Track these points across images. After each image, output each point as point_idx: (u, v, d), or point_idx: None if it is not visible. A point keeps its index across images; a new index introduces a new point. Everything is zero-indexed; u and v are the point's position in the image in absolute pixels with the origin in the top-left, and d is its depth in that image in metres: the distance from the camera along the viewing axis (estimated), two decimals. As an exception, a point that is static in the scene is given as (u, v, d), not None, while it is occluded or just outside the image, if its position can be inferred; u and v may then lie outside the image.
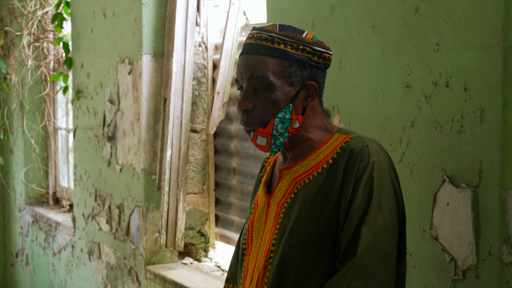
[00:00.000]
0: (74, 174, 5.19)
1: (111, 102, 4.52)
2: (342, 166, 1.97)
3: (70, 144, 5.92)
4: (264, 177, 2.18)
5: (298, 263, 1.96)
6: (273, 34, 2.00)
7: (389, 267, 1.91)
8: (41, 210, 6.06)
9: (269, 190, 2.14)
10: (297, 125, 2.03)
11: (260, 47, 2.01)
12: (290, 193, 2.04)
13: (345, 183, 1.95)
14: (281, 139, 2.03)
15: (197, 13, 4.01)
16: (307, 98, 2.04)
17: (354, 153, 1.96)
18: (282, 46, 2.00)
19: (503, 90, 2.03)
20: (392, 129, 2.42)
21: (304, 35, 2.03)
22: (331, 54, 2.06)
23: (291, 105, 2.01)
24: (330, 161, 2.00)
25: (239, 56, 2.06)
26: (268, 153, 2.25)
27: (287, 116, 2.01)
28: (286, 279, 1.97)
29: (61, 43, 5.23)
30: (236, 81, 2.07)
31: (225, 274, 3.09)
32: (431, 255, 2.28)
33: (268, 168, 2.20)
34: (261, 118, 2.01)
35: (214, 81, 4.04)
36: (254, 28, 2.06)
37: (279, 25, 2.03)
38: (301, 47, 2.01)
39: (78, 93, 5.00)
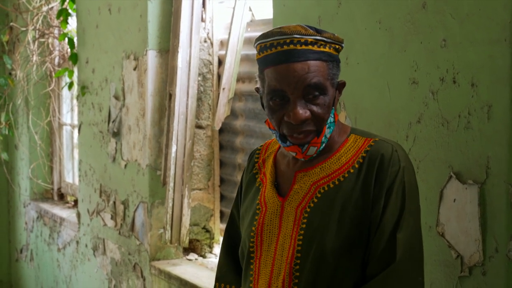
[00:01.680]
0: (79, 170, 5.19)
1: (116, 97, 4.52)
2: (373, 171, 1.93)
3: (75, 140, 5.92)
4: (268, 176, 2.11)
5: (331, 270, 1.93)
6: (318, 37, 1.93)
7: (422, 270, 1.93)
8: (45, 206, 6.07)
9: (279, 191, 2.08)
10: (334, 125, 2.01)
11: (308, 52, 1.91)
12: (312, 198, 1.99)
13: (377, 189, 1.93)
14: (324, 144, 1.99)
15: (203, 9, 4.00)
16: (338, 96, 2.02)
17: (385, 159, 1.93)
18: (327, 48, 1.94)
19: (510, 86, 2.02)
20: (398, 125, 2.41)
21: (335, 34, 2.00)
22: None
23: (333, 107, 1.98)
24: (356, 166, 1.96)
25: (277, 66, 1.92)
26: (259, 147, 2.22)
27: (332, 120, 1.98)
28: (319, 286, 1.94)
29: (66, 39, 5.23)
30: (274, 91, 1.93)
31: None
32: (437, 251, 2.27)
33: (268, 166, 2.14)
34: (318, 125, 1.94)
35: (219, 77, 4.04)
36: (281, 33, 1.93)
37: (307, 26, 1.96)
38: (337, 46, 1.98)
39: (83, 89, 5.00)
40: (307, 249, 1.95)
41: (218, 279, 2.23)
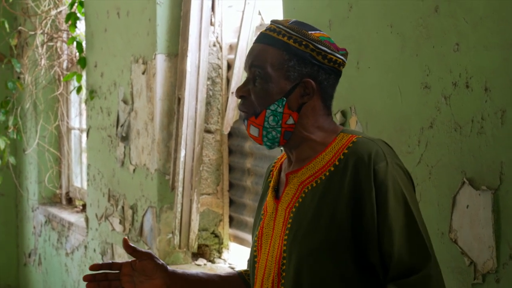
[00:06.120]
0: (87, 174, 5.18)
1: (125, 102, 4.50)
2: (351, 168, 1.90)
3: (83, 144, 5.91)
4: (272, 182, 2.12)
5: (314, 271, 1.90)
6: (281, 26, 2.00)
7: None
8: (54, 210, 6.06)
9: (277, 195, 2.08)
10: (291, 121, 1.99)
11: (266, 36, 2.01)
12: (298, 198, 1.98)
13: (362, 186, 1.88)
14: (274, 133, 1.99)
15: (212, 13, 3.99)
16: (304, 95, 1.99)
17: (365, 155, 1.89)
18: (285, 38, 1.98)
19: (525, 90, 1.99)
20: (410, 130, 2.38)
21: (312, 32, 1.99)
22: (339, 58, 1.98)
23: (284, 99, 1.98)
24: (337, 163, 1.94)
25: None
26: (279, 150, 2.23)
27: (279, 110, 1.98)
28: (303, 287, 1.92)
29: (75, 43, 5.23)
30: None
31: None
32: (450, 258, 2.25)
33: (275, 173, 2.15)
34: (254, 107, 2.00)
35: (228, 81, 4.02)
36: (271, 20, 2.06)
37: (294, 20, 2.02)
38: (304, 42, 1.97)
39: (91, 93, 4.99)
40: (291, 249, 1.95)
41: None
